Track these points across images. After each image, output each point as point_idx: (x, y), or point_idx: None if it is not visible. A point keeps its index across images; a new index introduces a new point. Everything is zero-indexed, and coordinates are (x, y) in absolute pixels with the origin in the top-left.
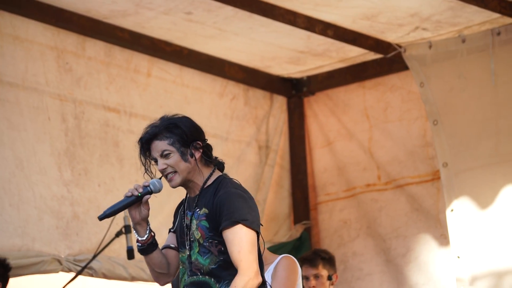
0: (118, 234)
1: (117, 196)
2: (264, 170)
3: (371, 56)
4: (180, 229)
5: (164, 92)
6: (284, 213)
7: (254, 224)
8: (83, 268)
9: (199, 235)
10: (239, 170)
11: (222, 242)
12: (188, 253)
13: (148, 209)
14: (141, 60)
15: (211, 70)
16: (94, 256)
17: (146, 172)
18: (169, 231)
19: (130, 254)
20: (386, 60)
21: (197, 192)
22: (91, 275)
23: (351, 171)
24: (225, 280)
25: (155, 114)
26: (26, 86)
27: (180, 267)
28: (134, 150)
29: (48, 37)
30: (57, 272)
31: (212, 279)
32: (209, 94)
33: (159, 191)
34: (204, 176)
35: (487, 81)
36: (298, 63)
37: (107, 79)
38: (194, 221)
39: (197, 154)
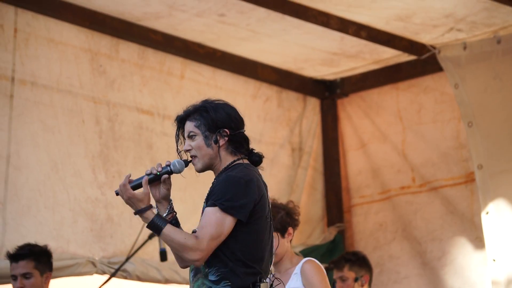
0: (151, 237)
1: (151, 199)
2: (297, 173)
3: (405, 57)
4: None
5: (198, 94)
6: (317, 216)
7: (229, 209)
8: (117, 270)
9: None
10: (272, 172)
11: None
12: None
13: (168, 189)
14: (174, 62)
15: (244, 72)
16: (128, 258)
17: (176, 150)
18: None
19: (163, 256)
20: (420, 61)
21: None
22: (125, 278)
23: (385, 174)
24: (215, 267)
25: None
26: (61, 88)
27: None
28: (167, 152)
29: (82, 40)
30: (91, 274)
31: (204, 264)
32: (242, 96)
33: (179, 172)
34: (225, 164)
35: None
36: (331, 64)
37: (141, 81)
38: (204, 205)
39: (222, 142)
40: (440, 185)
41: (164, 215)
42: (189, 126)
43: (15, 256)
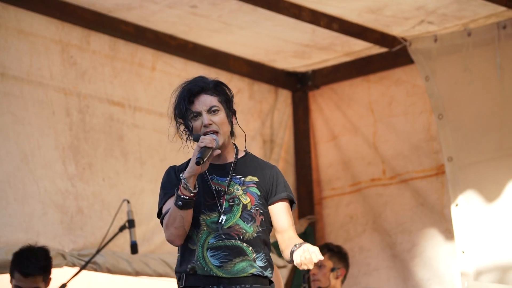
0: (121, 229)
1: (122, 191)
2: None
3: (376, 49)
4: (203, 193)
5: (169, 86)
6: None
7: (294, 206)
8: (87, 262)
9: (248, 200)
10: None
11: (264, 213)
12: (219, 216)
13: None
14: (146, 54)
15: (215, 64)
16: (98, 251)
17: (189, 120)
18: (170, 195)
19: (134, 249)
20: (391, 54)
21: (229, 159)
22: (95, 270)
23: (356, 166)
24: (262, 253)
25: (159, 108)
26: (31, 80)
27: (204, 229)
28: (138, 144)
29: (53, 31)
30: (61, 267)
31: (250, 248)
32: None
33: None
34: (232, 145)
35: (492, 75)
36: (303, 57)
37: (112, 73)
38: (238, 187)
39: (234, 121)
40: (410, 177)
41: (196, 189)
42: (212, 100)
43: (25, 272)
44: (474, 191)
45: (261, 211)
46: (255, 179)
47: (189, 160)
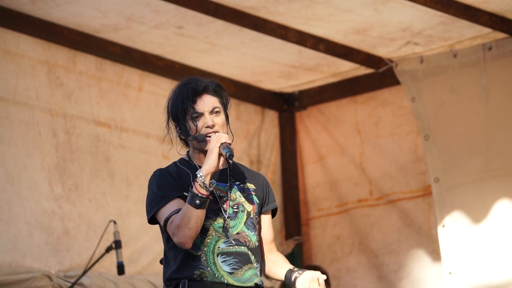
0: (108, 250)
1: (108, 212)
2: None
3: (363, 70)
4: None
5: (155, 107)
6: (275, 228)
7: None
8: (73, 284)
9: (251, 208)
10: None
11: (260, 222)
12: (224, 222)
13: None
14: (132, 75)
15: None
16: (84, 272)
17: (192, 120)
18: (173, 197)
19: (120, 270)
20: (378, 74)
21: (223, 165)
22: None
23: (343, 187)
24: (259, 263)
25: (146, 129)
26: (17, 100)
27: (213, 234)
28: (125, 164)
29: (39, 52)
30: None
31: (253, 256)
32: None
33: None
34: None
35: (478, 95)
36: (290, 77)
37: (98, 93)
38: (239, 193)
39: (227, 125)
40: (397, 198)
41: (212, 188)
42: (214, 100)
43: None
44: (461, 212)
45: (258, 219)
46: (253, 186)
47: (175, 163)
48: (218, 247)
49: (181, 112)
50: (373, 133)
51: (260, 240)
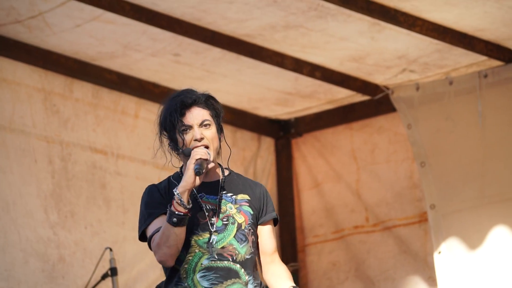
0: (104, 277)
1: (104, 239)
2: None
3: (359, 97)
4: (195, 211)
5: (152, 134)
6: None
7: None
8: None
9: (243, 219)
10: None
11: (255, 233)
12: (215, 237)
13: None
14: (129, 102)
15: None
16: None
17: (179, 133)
18: (159, 214)
19: None
20: (374, 101)
21: (216, 177)
22: None
23: (339, 213)
24: (252, 276)
25: (142, 156)
26: (13, 128)
27: (196, 250)
28: (121, 192)
29: (36, 79)
30: None
31: (243, 270)
32: None
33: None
34: (216, 164)
35: (474, 123)
36: (286, 104)
37: (95, 120)
38: (230, 205)
39: (222, 137)
40: (393, 224)
41: (190, 205)
42: (204, 113)
43: None
44: (457, 239)
45: (253, 230)
46: (247, 197)
47: (169, 177)
48: (201, 264)
49: (169, 124)
50: (369, 159)
51: (255, 251)
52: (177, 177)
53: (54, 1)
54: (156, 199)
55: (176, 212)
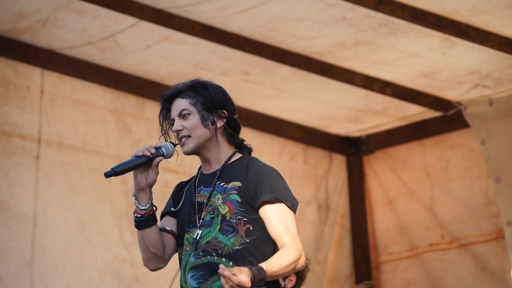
0: None
1: (176, 257)
2: (324, 230)
3: (431, 114)
4: (188, 208)
5: None
6: (345, 273)
7: (295, 208)
8: None
9: (226, 209)
10: (299, 230)
11: (251, 221)
12: (199, 232)
13: (157, 174)
14: None
15: (269, 129)
16: None
17: (162, 134)
18: (163, 214)
19: None
20: (446, 118)
21: (217, 167)
22: None
23: (413, 231)
24: (250, 264)
25: None
26: (87, 149)
27: (187, 249)
28: None
29: (108, 100)
30: None
31: (231, 263)
32: (268, 154)
33: (170, 156)
34: (225, 152)
35: None
36: (357, 121)
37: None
38: (218, 196)
39: (219, 123)
40: (469, 241)
41: (147, 206)
42: (182, 103)
43: None
44: None
45: (246, 219)
46: (238, 184)
47: (194, 176)
48: (190, 262)
49: (161, 122)
50: (443, 176)
51: (253, 240)
52: (196, 173)
53: (125, 22)
54: (169, 199)
55: (135, 215)
